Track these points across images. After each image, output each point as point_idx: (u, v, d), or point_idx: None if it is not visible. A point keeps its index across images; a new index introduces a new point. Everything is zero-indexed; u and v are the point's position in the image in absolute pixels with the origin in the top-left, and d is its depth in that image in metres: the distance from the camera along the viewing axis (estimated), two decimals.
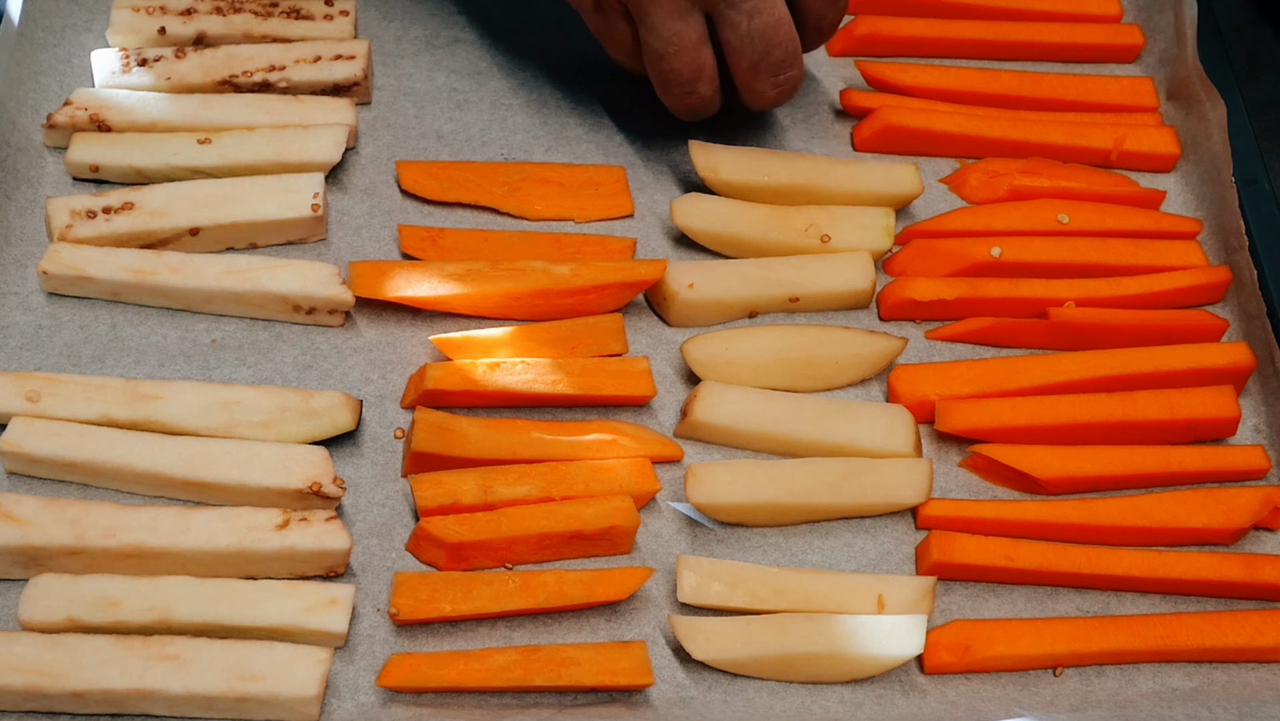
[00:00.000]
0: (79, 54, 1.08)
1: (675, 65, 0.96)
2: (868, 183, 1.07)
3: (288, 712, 0.84)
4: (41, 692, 0.82)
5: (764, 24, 0.95)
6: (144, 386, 0.93)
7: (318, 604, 0.86)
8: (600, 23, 0.98)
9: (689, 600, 0.90)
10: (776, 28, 0.95)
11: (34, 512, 0.87)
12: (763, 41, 0.95)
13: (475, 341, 0.97)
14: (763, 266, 1.03)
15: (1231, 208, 1.09)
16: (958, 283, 1.05)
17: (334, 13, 1.10)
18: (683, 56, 0.96)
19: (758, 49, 0.95)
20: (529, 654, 0.87)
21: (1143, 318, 1.05)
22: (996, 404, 1.00)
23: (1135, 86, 1.18)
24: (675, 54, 0.96)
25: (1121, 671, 0.94)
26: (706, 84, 0.98)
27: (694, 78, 0.97)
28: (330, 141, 1.03)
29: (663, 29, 0.95)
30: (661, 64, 0.96)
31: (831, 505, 0.95)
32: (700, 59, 0.96)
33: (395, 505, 0.94)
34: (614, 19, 0.97)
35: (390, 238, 1.04)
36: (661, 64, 0.96)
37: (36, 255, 1.00)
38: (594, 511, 0.91)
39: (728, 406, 0.97)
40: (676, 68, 0.97)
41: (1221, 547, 0.99)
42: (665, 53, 0.96)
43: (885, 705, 0.90)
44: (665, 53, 0.96)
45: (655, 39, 0.95)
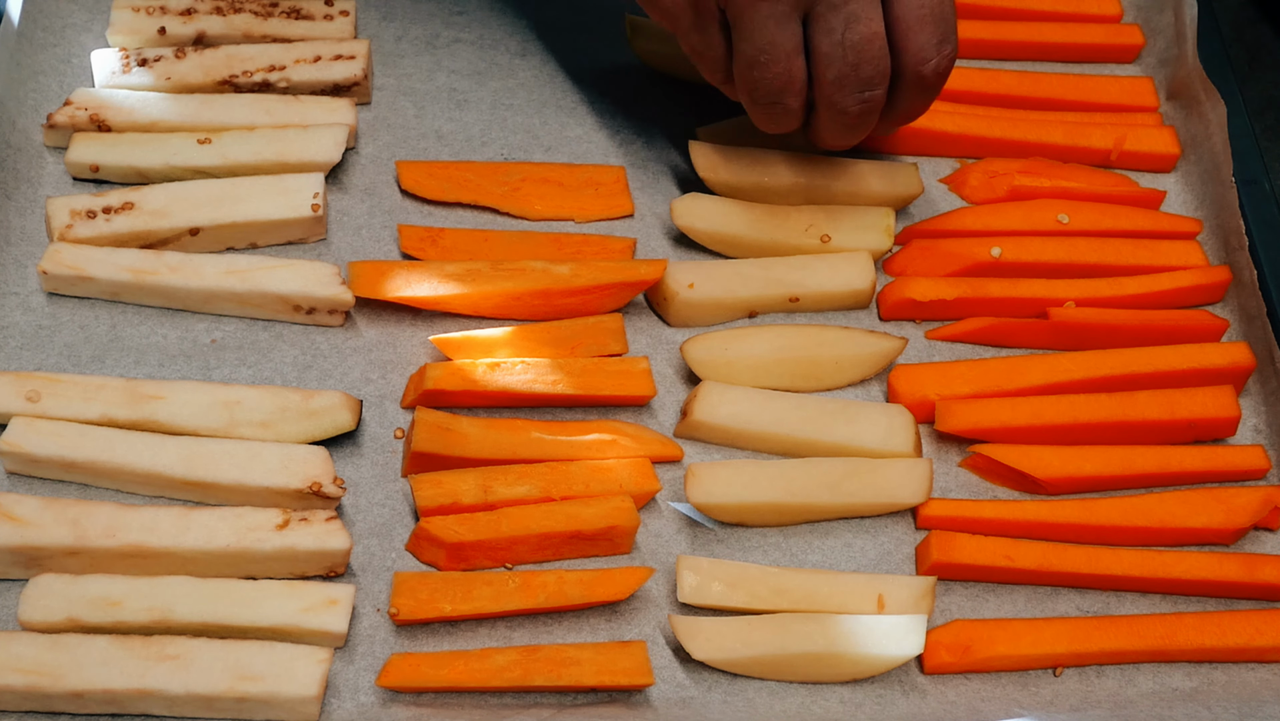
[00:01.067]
0: (79, 54, 1.08)
1: (766, 75, 0.93)
2: (868, 183, 1.07)
3: (288, 712, 0.84)
4: (41, 692, 0.82)
5: (860, 35, 0.92)
6: (144, 386, 0.93)
7: (318, 604, 0.86)
8: (699, 40, 0.95)
9: (689, 600, 0.90)
10: (871, 41, 0.92)
11: (34, 512, 0.87)
12: (854, 53, 0.92)
13: (475, 341, 0.97)
14: (763, 266, 1.03)
15: (1231, 208, 1.09)
16: (958, 283, 1.05)
17: (334, 13, 1.10)
18: (775, 66, 0.93)
19: (849, 60, 0.92)
20: (529, 654, 0.87)
21: (1143, 318, 1.05)
22: (996, 404, 1.00)
23: (1135, 86, 1.18)
24: (768, 63, 0.93)
25: (1121, 671, 0.94)
26: (795, 96, 0.95)
27: (783, 88, 0.94)
28: (330, 141, 1.03)
29: (758, 35, 0.92)
30: (752, 72, 0.94)
31: (831, 505, 0.95)
32: (792, 70, 0.93)
33: (395, 505, 0.94)
34: (711, 30, 0.94)
35: (390, 238, 1.04)
36: (752, 72, 0.94)
37: (36, 255, 1.00)
38: (594, 511, 0.91)
39: (728, 406, 0.97)
40: (767, 77, 0.94)
41: (1221, 547, 0.99)
42: (757, 60, 0.93)
43: (885, 705, 0.90)
44: (757, 60, 0.93)
45: (749, 45, 0.93)
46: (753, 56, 0.93)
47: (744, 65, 0.94)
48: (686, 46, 0.97)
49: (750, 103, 0.97)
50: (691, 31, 0.95)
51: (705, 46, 0.95)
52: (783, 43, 0.92)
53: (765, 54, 0.93)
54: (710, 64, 0.97)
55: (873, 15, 0.92)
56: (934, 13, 0.93)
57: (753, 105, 0.97)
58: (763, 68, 0.93)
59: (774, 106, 0.96)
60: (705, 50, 0.96)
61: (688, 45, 0.97)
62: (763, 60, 0.93)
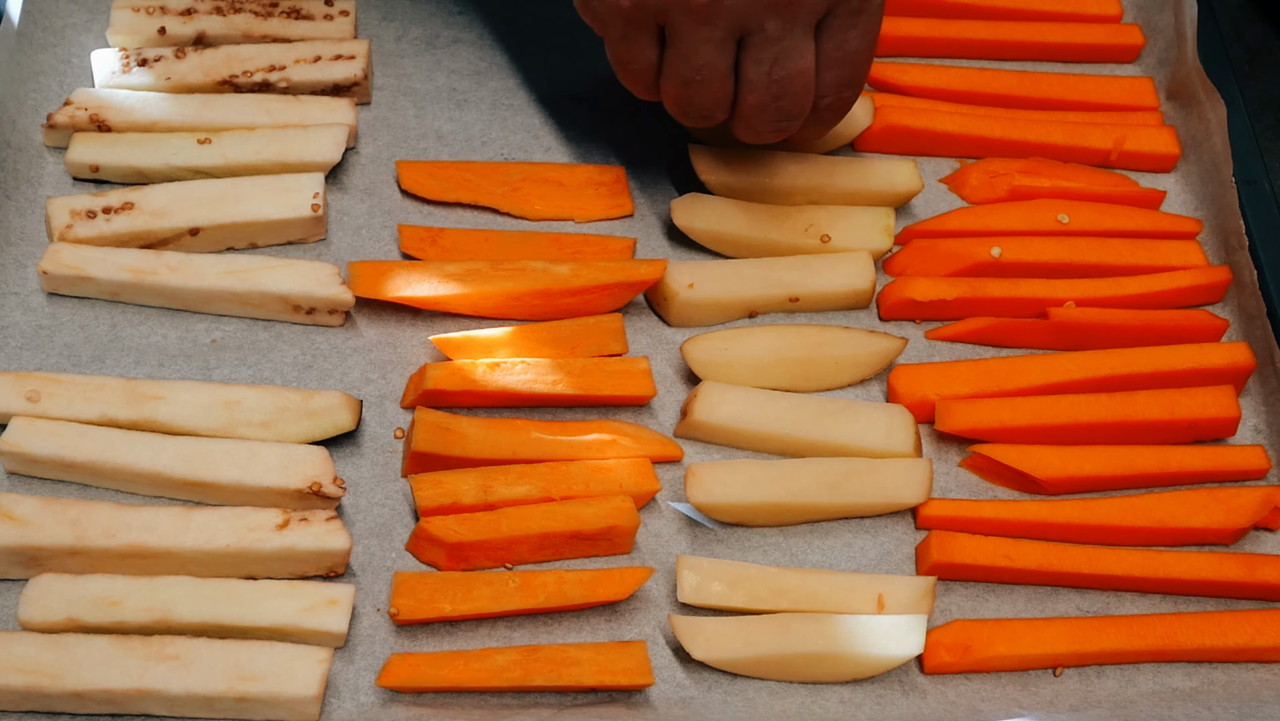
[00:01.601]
0: (79, 54, 1.08)
1: (699, 94, 0.95)
2: (867, 181, 1.07)
3: (288, 712, 0.84)
4: (41, 692, 0.82)
5: (788, 71, 0.93)
6: (144, 386, 0.93)
7: (318, 604, 0.86)
8: (625, 51, 0.96)
9: (689, 600, 0.91)
10: (798, 78, 0.93)
11: (34, 512, 0.87)
12: (779, 86, 0.94)
13: (475, 341, 0.97)
14: (763, 266, 1.03)
15: (1231, 208, 1.09)
16: (958, 283, 1.05)
17: (334, 13, 1.10)
18: (709, 86, 0.94)
19: (772, 92, 0.94)
20: (529, 654, 0.87)
21: (1143, 318, 1.05)
22: (996, 404, 1.00)
23: (1135, 86, 1.18)
24: (703, 82, 0.94)
25: (1121, 671, 0.94)
26: (723, 112, 0.97)
27: (714, 106, 0.96)
28: (330, 141, 1.03)
29: (696, 56, 0.93)
30: (687, 89, 0.95)
31: (831, 505, 0.95)
32: (725, 89, 0.95)
33: (395, 505, 0.94)
34: (642, 44, 0.95)
35: (390, 238, 1.04)
36: (687, 89, 0.95)
37: (36, 255, 1.00)
38: (594, 511, 0.91)
39: (728, 406, 0.97)
40: (700, 95, 0.95)
41: (1221, 547, 0.99)
42: (693, 80, 0.94)
43: (885, 705, 0.90)
44: (693, 80, 0.94)
45: (685, 65, 0.94)
46: (688, 76, 0.94)
47: (678, 82, 0.95)
48: (611, 54, 0.97)
49: (679, 114, 0.98)
50: (619, 42, 0.96)
51: (632, 58, 0.96)
52: (718, 65, 0.93)
53: (700, 74, 0.94)
54: (635, 75, 0.97)
55: (804, 52, 0.93)
56: (849, 57, 0.95)
57: (682, 117, 0.98)
58: (698, 86, 0.94)
59: (704, 120, 0.97)
60: (632, 62, 0.96)
61: (613, 54, 0.97)
62: (698, 80, 0.94)
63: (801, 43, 0.93)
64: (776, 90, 0.94)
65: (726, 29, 0.91)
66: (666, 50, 0.94)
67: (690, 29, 0.92)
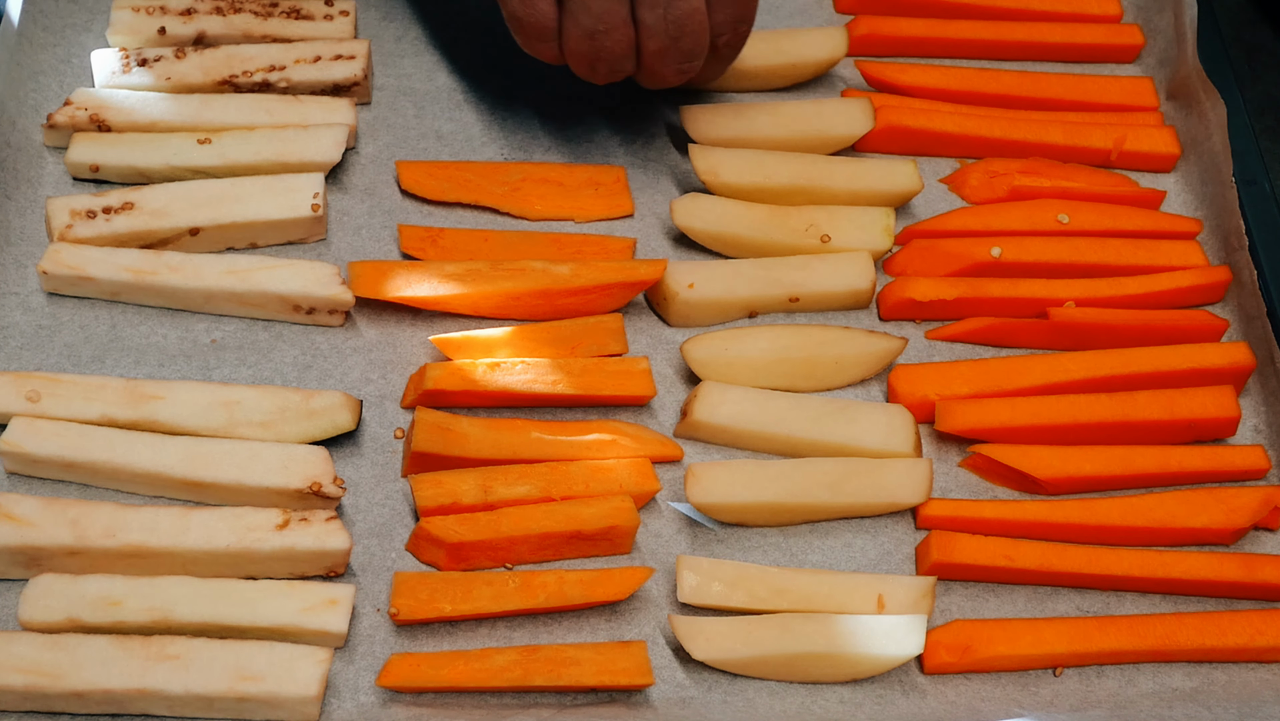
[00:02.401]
0: (79, 54, 1.08)
1: (607, 43, 0.96)
2: (867, 181, 1.07)
3: (288, 712, 0.84)
4: (41, 692, 0.82)
5: (682, 11, 0.95)
6: (144, 386, 0.93)
7: (318, 604, 0.86)
8: (519, 6, 0.97)
9: (689, 600, 0.90)
10: (692, 15, 0.96)
11: (34, 512, 0.87)
12: (677, 27, 0.96)
13: (475, 341, 0.97)
14: (763, 266, 1.03)
15: (1231, 208, 1.09)
16: (958, 283, 1.05)
17: (334, 13, 1.10)
18: (614, 34, 0.96)
19: (670, 33, 0.96)
20: (529, 654, 0.87)
21: (1143, 318, 1.05)
22: (996, 404, 1.00)
23: (1135, 86, 1.18)
24: (607, 31, 0.96)
25: (1121, 671, 0.94)
26: (630, 62, 0.99)
27: (622, 56, 0.97)
28: (330, 141, 1.03)
29: (594, 4, 0.95)
30: (594, 41, 0.96)
31: (831, 505, 0.95)
32: (629, 37, 0.97)
33: (395, 505, 0.94)
34: (538, 1, 0.97)
35: (390, 238, 1.04)
36: (594, 41, 0.96)
37: (36, 255, 1.00)
38: (594, 511, 0.91)
39: (728, 406, 0.97)
40: (609, 45, 0.96)
41: (1221, 547, 0.99)
42: (596, 30, 0.96)
43: (885, 705, 0.90)
44: (596, 30, 0.96)
45: (586, 15, 0.95)
46: (590, 27, 0.96)
47: (582, 36, 0.96)
48: (508, 14, 0.99)
49: (589, 70, 0.99)
50: (515, 0, 0.97)
51: (528, 13, 0.97)
52: (618, 10, 0.95)
53: (602, 23, 0.95)
54: (535, 31, 0.98)
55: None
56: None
57: (594, 73, 0.99)
58: (603, 36, 0.96)
59: (616, 73, 0.99)
60: (528, 17, 0.97)
61: (510, 12, 0.98)
62: (601, 29, 0.96)
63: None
64: (675, 31, 0.96)
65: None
66: (564, 7, 0.96)
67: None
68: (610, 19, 0.95)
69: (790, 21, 1.19)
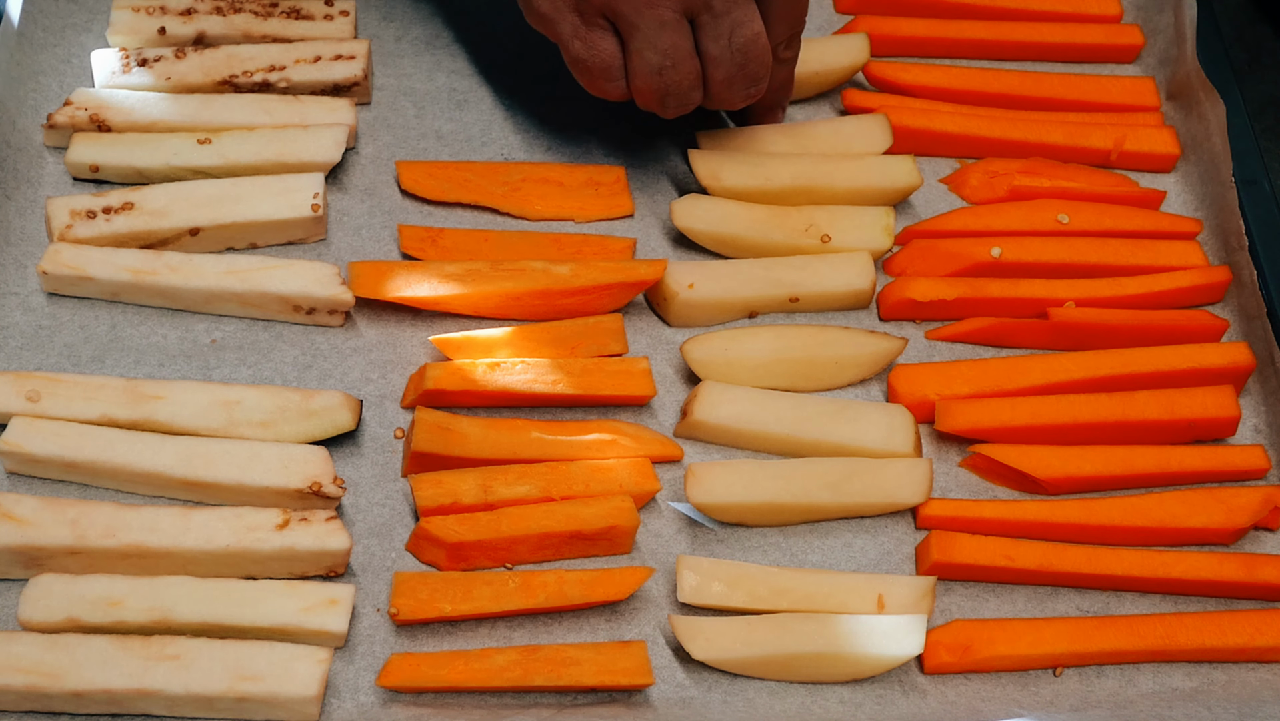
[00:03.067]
0: (79, 54, 1.08)
1: (675, 77, 0.96)
2: (867, 179, 1.07)
3: (288, 712, 0.84)
4: (41, 692, 0.82)
5: (746, 38, 0.95)
6: (144, 386, 0.93)
7: (318, 604, 0.86)
8: (582, 49, 0.97)
9: (689, 600, 0.90)
10: (755, 41, 0.96)
11: (34, 512, 0.87)
12: (742, 54, 0.96)
13: (475, 341, 0.97)
14: (763, 266, 1.03)
15: (1231, 208, 1.09)
16: (958, 283, 1.05)
17: (334, 13, 1.10)
18: (682, 67, 0.96)
19: (736, 61, 0.96)
20: (529, 654, 0.87)
21: (1143, 318, 1.05)
22: (996, 404, 1.00)
23: (1135, 86, 1.18)
24: (674, 65, 0.96)
25: (1121, 671, 0.94)
26: (699, 92, 0.98)
27: (690, 87, 0.97)
28: (330, 141, 1.03)
29: (659, 40, 0.94)
30: (662, 77, 0.96)
31: (831, 505, 0.95)
32: (696, 68, 0.97)
33: (395, 505, 0.94)
34: (596, 37, 0.96)
35: (390, 238, 1.04)
36: (662, 77, 0.96)
37: (36, 255, 1.00)
38: (594, 511, 0.91)
39: (728, 406, 0.97)
40: (677, 79, 0.96)
41: (1221, 547, 0.99)
42: (664, 65, 0.95)
43: (885, 705, 0.90)
44: (664, 65, 0.95)
45: (652, 52, 0.95)
46: (658, 63, 0.95)
47: (650, 73, 0.96)
48: (570, 58, 0.98)
49: (659, 105, 0.99)
50: (574, 41, 0.97)
51: (592, 55, 0.97)
52: (682, 44, 0.95)
53: (670, 58, 0.95)
54: (600, 72, 0.97)
55: (754, 17, 0.96)
56: (789, 11, 0.98)
57: (664, 107, 0.99)
58: (670, 71, 0.96)
59: (685, 105, 0.99)
60: (592, 59, 0.97)
61: (571, 56, 0.98)
62: (669, 64, 0.95)
63: (748, 8, 0.95)
64: (740, 59, 0.96)
65: (675, 6, 0.94)
66: (628, 46, 0.96)
67: (640, 13, 0.93)
68: (676, 54, 0.95)
69: None
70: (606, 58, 0.97)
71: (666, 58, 0.95)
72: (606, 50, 0.96)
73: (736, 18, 0.95)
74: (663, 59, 0.95)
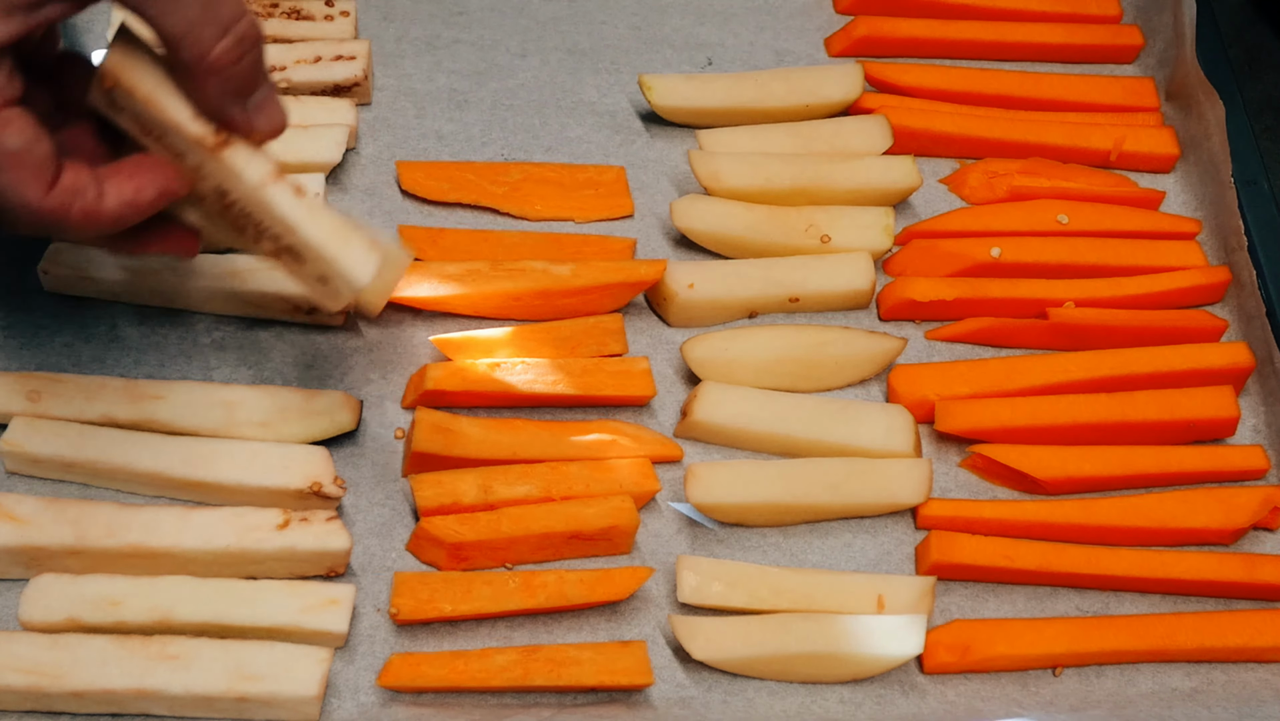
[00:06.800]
0: None
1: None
2: (867, 180, 1.07)
3: (288, 712, 0.84)
4: (41, 692, 0.82)
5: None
6: (144, 386, 0.93)
7: (318, 604, 0.86)
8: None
9: (689, 600, 0.91)
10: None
11: (34, 512, 0.87)
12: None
13: (475, 341, 0.97)
14: (763, 266, 1.03)
15: (1231, 208, 1.09)
16: (958, 283, 1.05)
17: (334, 13, 1.10)
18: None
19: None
20: (529, 654, 0.87)
21: (1143, 318, 1.05)
22: (996, 404, 1.00)
23: (1135, 86, 1.18)
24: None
25: (1121, 671, 0.94)
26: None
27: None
28: (330, 142, 1.03)
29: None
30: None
31: (831, 505, 0.95)
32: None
33: (395, 505, 0.94)
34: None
35: (390, 238, 1.04)
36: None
37: (36, 255, 1.00)
38: (594, 511, 0.91)
39: (728, 406, 0.97)
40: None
41: (1221, 547, 0.99)
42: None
43: (885, 705, 0.90)
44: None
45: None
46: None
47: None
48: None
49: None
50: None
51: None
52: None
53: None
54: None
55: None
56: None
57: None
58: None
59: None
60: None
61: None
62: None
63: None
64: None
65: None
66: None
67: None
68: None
69: (790, 22, 1.20)
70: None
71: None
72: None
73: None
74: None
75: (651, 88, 1.10)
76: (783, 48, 1.18)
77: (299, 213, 0.80)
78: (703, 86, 1.11)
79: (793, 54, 1.18)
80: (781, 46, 1.18)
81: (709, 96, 1.11)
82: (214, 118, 0.79)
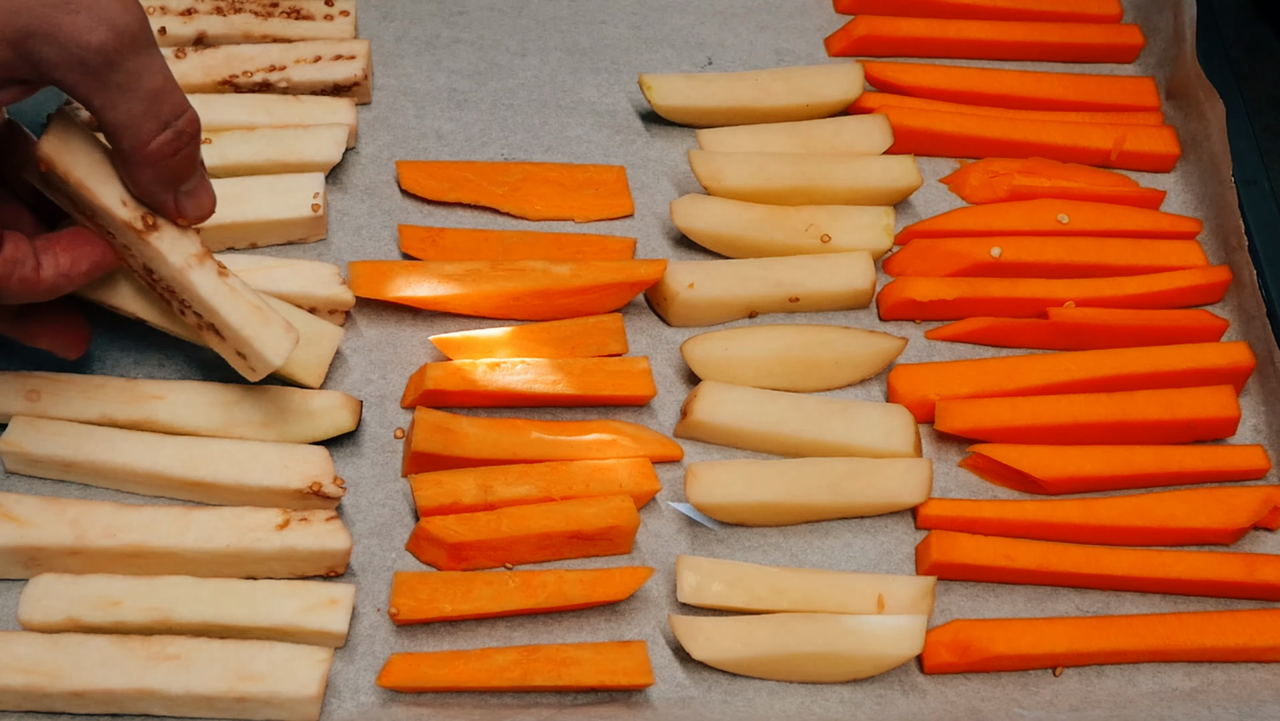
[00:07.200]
0: None
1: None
2: (867, 179, 1.07)
3: (288, 712, 0.84)
4: (41, 692, 0.82)
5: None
6: (144, 386, 0.93)
7: (318, 604, 0.86)
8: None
9: (689, 600, 0.91)
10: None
11: (34, 512, 0.87)
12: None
13: (475, 341, 0.97)
14: (763, 266, 1.03)
15: (1231, 208, 1.09)
16: (958, 283, 1.05)
17: (334, 13, 1.10)
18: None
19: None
20: (529, 654, 0.87)
21: (1143, 318, 1.05)
22: (996, 404, 1.00)
23: (1135, 86, 1.18)
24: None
25: (1121, 671, 0.94)
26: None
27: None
28: (330, 141, 1.03)
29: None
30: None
31: (831, 505, 0.95)
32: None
33: (395, 505, 0.94)
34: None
35: (390, 238, 1.04)
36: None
37: None
38: (594, 511, 0.91)
39: (728, 406, 0.97)
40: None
41: (1221, 547, 0.99)
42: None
43: (885, 705, 0.90)
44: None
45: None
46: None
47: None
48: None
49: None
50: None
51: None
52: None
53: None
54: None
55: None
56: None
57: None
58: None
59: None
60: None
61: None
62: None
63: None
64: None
65: None
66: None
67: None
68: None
69: (790, 21, 1.20)
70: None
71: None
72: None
73: None
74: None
75: (651, 87, 1.10)
76: (782, 47, 1.18)
77: (220, 295, 0.86)
78: (703, 86, 1.11)
79: (792, 53, 1.18)
80: (781, 46, 1.18)
81: (709, 96, 1.11)
82: (145, 202, 0.83)
